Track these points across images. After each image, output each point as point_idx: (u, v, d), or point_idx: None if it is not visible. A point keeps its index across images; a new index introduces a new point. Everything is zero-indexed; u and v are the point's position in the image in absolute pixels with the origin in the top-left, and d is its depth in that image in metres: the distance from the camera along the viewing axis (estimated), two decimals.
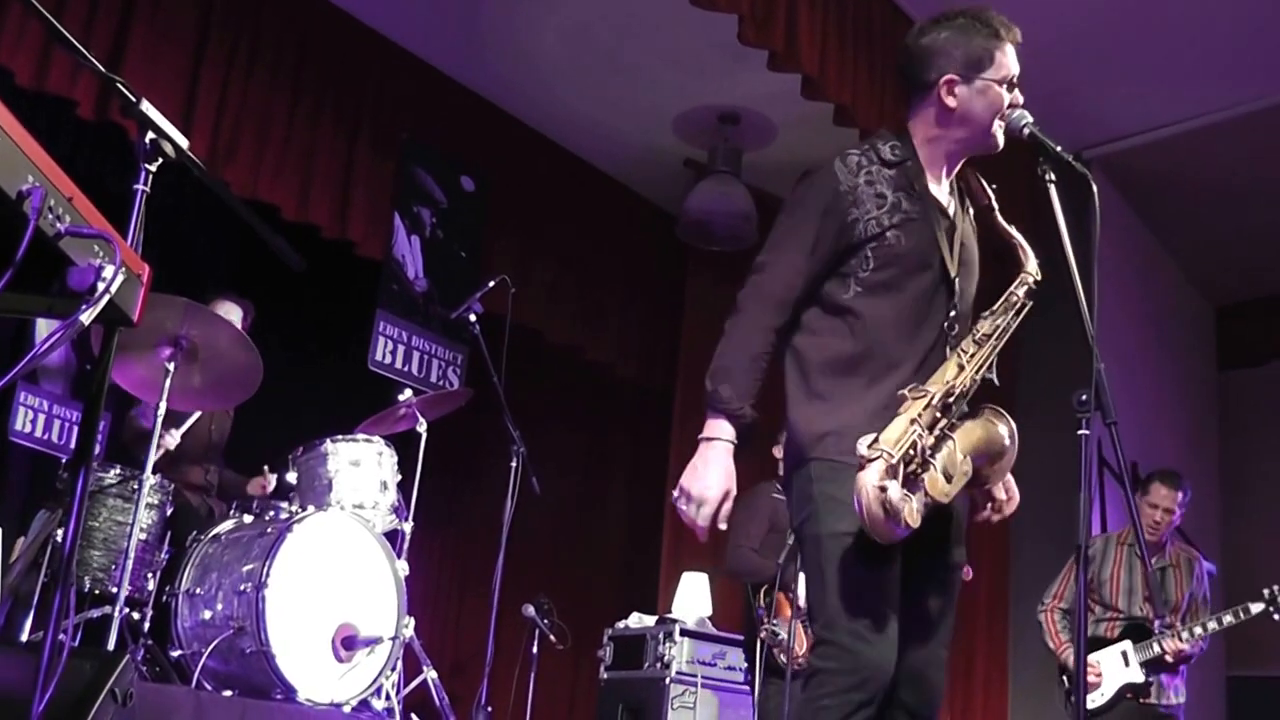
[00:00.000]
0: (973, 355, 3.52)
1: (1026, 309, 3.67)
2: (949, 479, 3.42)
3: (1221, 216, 10.99)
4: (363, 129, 8.91)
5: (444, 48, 9.30)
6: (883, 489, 3.27)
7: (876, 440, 3.34)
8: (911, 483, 3.36)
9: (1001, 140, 3.75)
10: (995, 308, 3.65)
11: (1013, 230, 3.77)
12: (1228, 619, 7.36)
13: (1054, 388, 3.62)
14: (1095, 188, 3.56)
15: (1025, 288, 3.68)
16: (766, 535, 7.48)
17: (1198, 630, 7.30)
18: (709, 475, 3.50)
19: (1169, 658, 7.29)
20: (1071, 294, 3.51)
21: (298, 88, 8.51)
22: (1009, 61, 3.77)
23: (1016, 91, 3.76)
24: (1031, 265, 3.72)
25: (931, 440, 3.42)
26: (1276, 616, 7.40)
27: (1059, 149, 3.60)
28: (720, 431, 3.54)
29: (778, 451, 7.59)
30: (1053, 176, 3.59)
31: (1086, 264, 3.60)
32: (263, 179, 8.24)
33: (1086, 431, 3.42)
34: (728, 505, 3.49)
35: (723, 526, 3.51)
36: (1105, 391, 3.38)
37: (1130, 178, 10.30)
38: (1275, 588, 7.43)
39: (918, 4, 8.44)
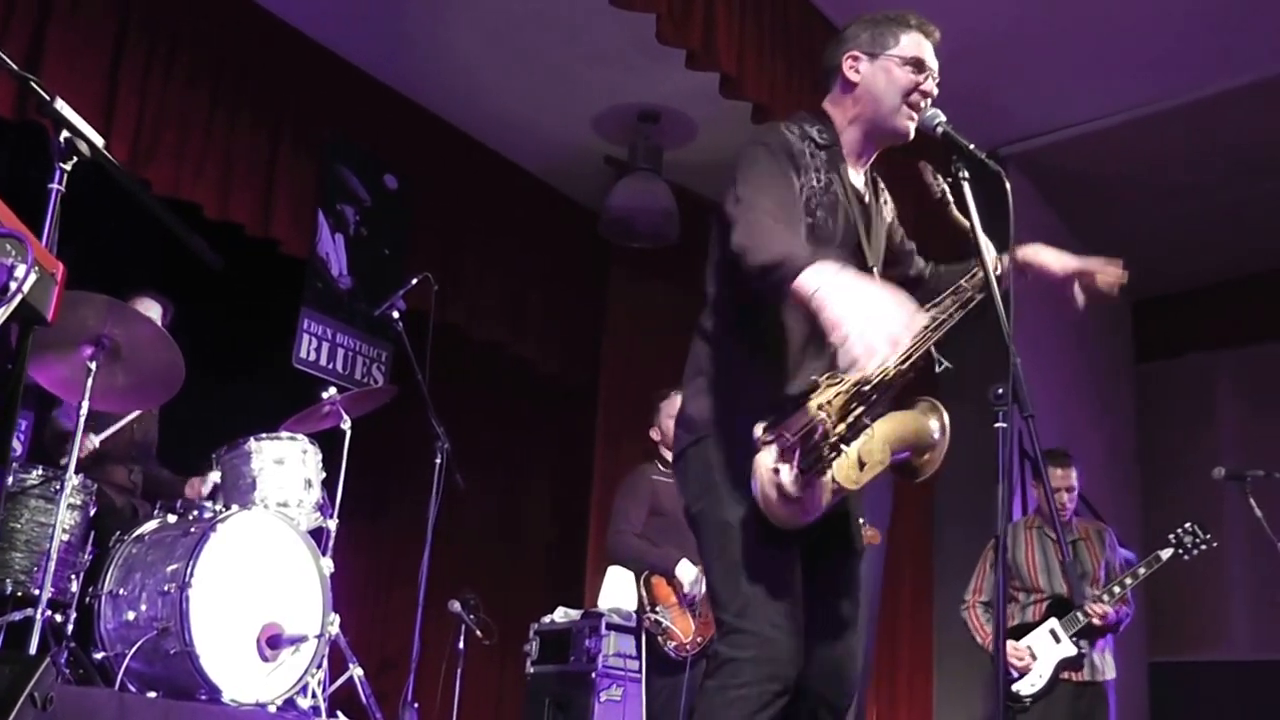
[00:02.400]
0: None
1: (974, 302, 3.65)
2: (862, 466, 3.38)
3: (1137, 212, 11.08)
4: (285, 127, 8.82)
5: (365, 46, 9.23)
6: (776, 471, 3.25)
7: (774, 423, 3.30)
8: (815, 468, 3.32)
9: (911, 128, 3.74)
10: (940, 299, 3.64)
11: (968, 223, 3.74)
12: (1142, 571, 7.45)
13: (975, 381, 3.61)
14: (1009, 185, 3.55)
15: (975, 281, 3.68)
16: (648, 519, 7.40)
17: (1116, 589, 7.36)
18: (860, 293, 3.11)
19: (1096, 621, 7.32)
20: (987, 290, 3.51)
21: (218, 86, 8.41)
22: (915, 45, 3.77)
23: (931, 82, 3.75)
24: (991, 257, 3.69)
25: (843, 427, 3.38)
26: (1186, 557, 7.49)
27: (972, 147, 3.58)
28: (824, 270, 3.17)
29: (654, 434, 7.57)
30: (966, 175, 3.58)
31: (1001, 259, 3.60)
32: (184, 178, 8.14)
33: (1004, 425, 3.42)
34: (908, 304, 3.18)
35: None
36: (1022, 385, 3.38)
37: (1047, 174, 10.36)
38: (1179, 530, 7.52)
39: (834, 3, 8.45)
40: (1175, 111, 9.60)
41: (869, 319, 3.04)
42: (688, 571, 7.05)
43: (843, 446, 3.37)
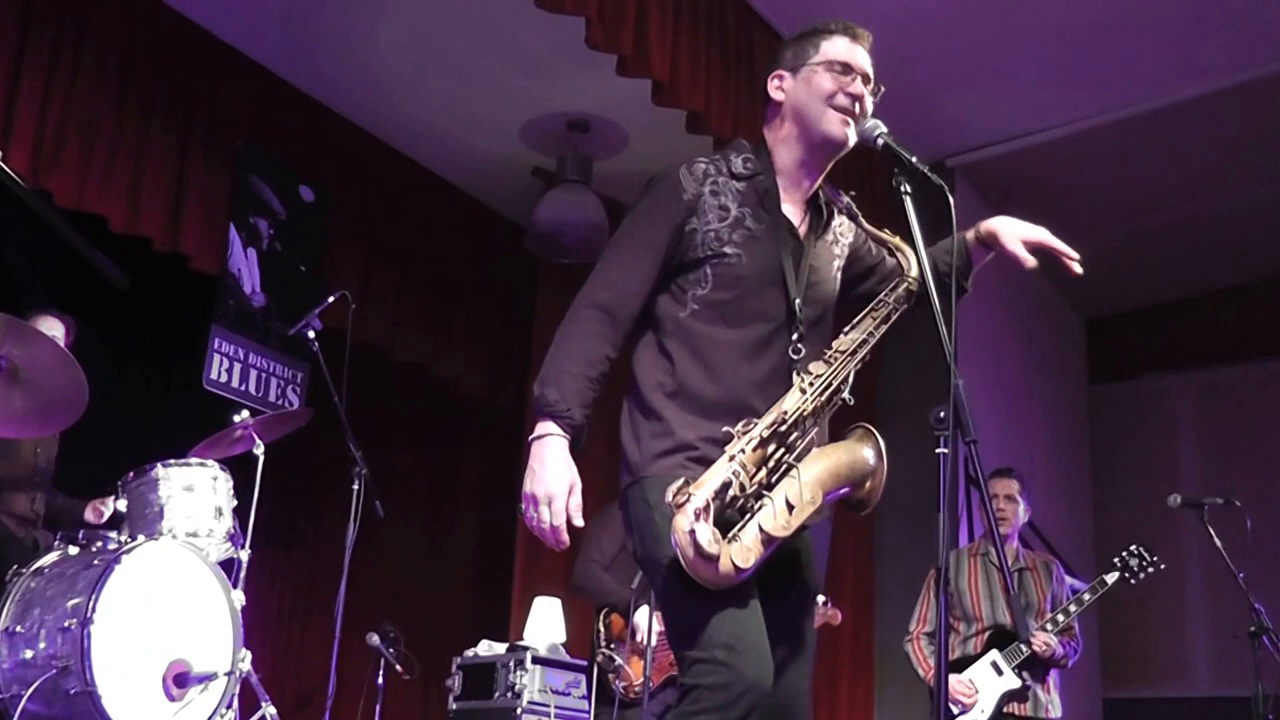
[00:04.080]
0: (817, 377, 3.52)
1: (896, 316, 3.68)
2: (791, 509, 3.40)
3: (1092, 226, 11.09)
4: (195, 136, 8.76)
5: (279, 51, 9.20)
6: (691, 533, 3.26)
7: (686, 484, 3.33)
8: (732, 522, 3.36)
9: (846, 134, 3.72)
10: (859, 319, 3.65)
11: (885, 234, 3.80)
12: (1087, 597, 7.48)
13: (916, 404, 3.62)
14: (952, 199, 3.53)
15: (896, 294, 3.70)
16: (618, 554, 7.42)
17: (1060, 618, 7.38)
18: (548, 470, 3.43)
19: (1038, 649, 7.33)
20: (929, 308, 3.51)
21: (125, 91, 8.34)
22: (838, 49, 3.76)
23: (860, 83, 3.74)
24: (914, 270, 3.73)
25: (763, 474, 3.41)
26: (1133, 581, 7.53)
27: (914, 159, 3.56)
28: (549, 429, 3.47)
29: None
30: (908, 188, 3.57)
31: (945, 277, 3.61)
32: (89, 188, 8.07)
33: (945, 450, 3.41)
34: (576, 498, 3.43)
35: (578, 522, 3.42)
36: (964, 409, 3.37)
37: (996, 186, 10.38)
38: (1124, 553, 7.56)
39: (774, 7, 8.47)
40: (1131, 121, 9.64)
41: (542, 496, 3.43)
42: (643, 615, 7.03)
43: (766, 494, 3.39)
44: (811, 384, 3.51)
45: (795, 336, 3.64)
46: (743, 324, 3.61)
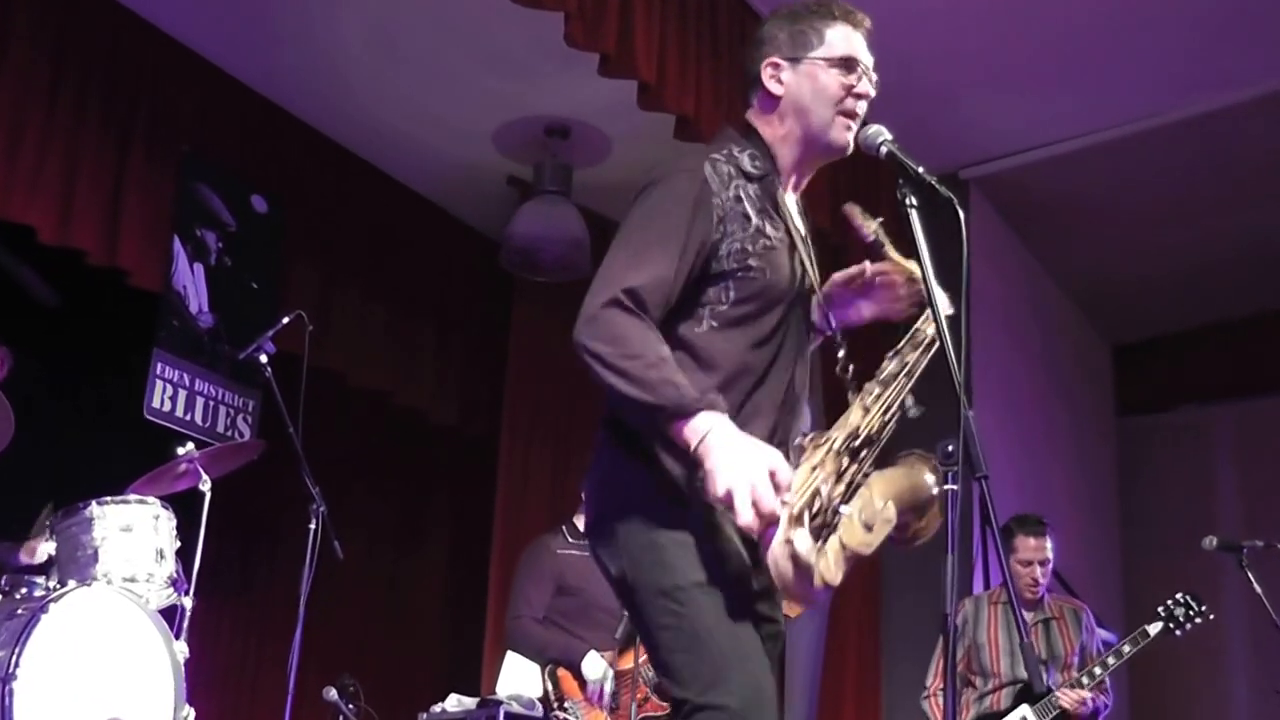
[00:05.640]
0: (878, 396, 3.51)
1: (936, 345, 3.65)
2: (869, 528, 3.37)
3: (1120, 243, 11.10)
4: (136, 137, 8.69)
5: (231, 46, 9.17)
6: (788, 541, 3.21)
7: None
8: (819, 534, 3.31)
9: (849, 139, 3.74)
10: (900, 346, 3.63)
11: (913, 265, 3.71)
12: (1126, 649, 7.44)
13: (923, 437, 3.60)
14: (963, 214, 3.52)
15: (923, 340, 3.67)
16: (554, 600, 7.40)
17: (1097, 671, 7.36)
18: (738, 455, 3.22)
19: (1069, 705, 7.30)
20: (938, 333, 3.49)
21: (56, 86, 8.25)
22: (843, 41, 3.76)
23: (866, 81, 3.75)
24: (931, 327, 3.70)
25: (841, 489, 3.39)
26: (1179, 632, 7.48)
27: (921, 170, 3.55)
28: (709, 420, 3.27)
29: (579, 520, 7.54)
30: (914, 201, 3.56)
31: (955, 299, 3.60)
32: (16, 194, 7.97)
33: (954, 487, 3.40)
34: (783, 467, 3.25)
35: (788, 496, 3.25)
36: (975, 442, 3.36)
37: (1015, 200, 10.38)
38: (1170, 601, 7.52)
39: (769, 0, 8.48)
40: (1162, 131, 9.62)
41: (751, 484, 3.20)
42: (594, 667, 7.03)
43: (842, 509, 3.36)
44: (876, 400, 3.50)
45: (809, 351, 3.66)
46: (760, 337, 3.58)
